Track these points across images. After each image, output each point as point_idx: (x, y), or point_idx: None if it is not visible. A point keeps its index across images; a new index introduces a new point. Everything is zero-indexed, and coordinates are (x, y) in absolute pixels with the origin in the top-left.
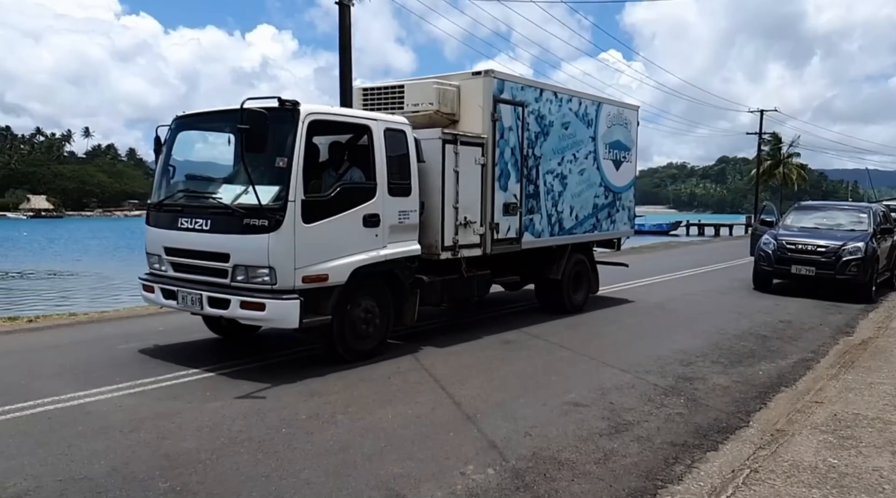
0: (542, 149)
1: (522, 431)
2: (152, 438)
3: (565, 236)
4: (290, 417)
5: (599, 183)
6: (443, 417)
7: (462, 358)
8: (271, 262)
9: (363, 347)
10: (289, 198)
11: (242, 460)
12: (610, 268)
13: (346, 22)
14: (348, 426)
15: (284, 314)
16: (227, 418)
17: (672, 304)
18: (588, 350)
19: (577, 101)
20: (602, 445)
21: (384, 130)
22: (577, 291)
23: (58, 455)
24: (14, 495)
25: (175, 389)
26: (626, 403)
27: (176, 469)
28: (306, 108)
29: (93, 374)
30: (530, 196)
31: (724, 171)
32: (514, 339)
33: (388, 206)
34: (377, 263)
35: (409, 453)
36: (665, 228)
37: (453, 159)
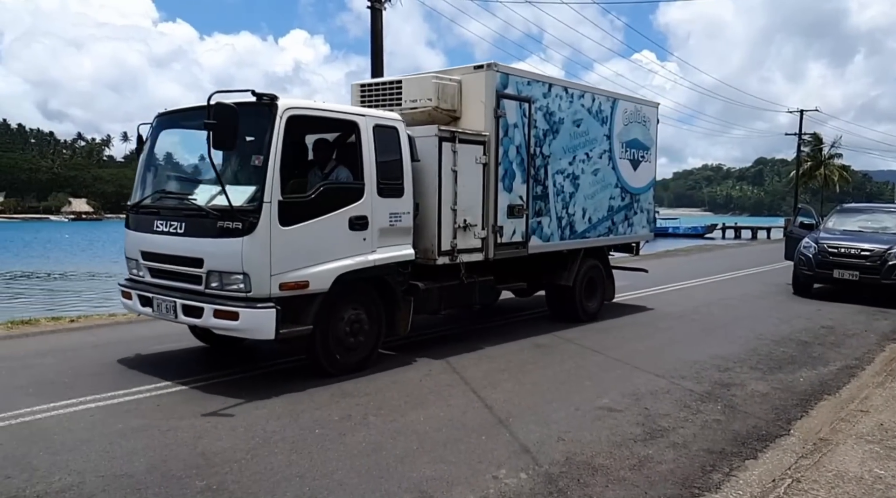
0: (552, 147)
1: (555, 436)
2: (189, 436)
3: (577, 240)
4: (322, 418)
5: (615, 184)
6: (474, 421)
7: (494, 361)
8: (245, 267)
9: (350, 359)
10: (264, 199)
11: (277, 460)
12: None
13: (378, 25)
14: (380, 428)
15: (259, 324)
16: (261, 418)
17: (708, 308)
18: (621, 354)
19: (591, 97)
20: (637, 450)
21: (373, 127)
22: (591, 299)
23: (99, 452)
24: (59, 490)
25: (210, 389)
26: (661, 408)
27: (212, 468)
28: (285, 103)
29: (132, 373)
30: (538, 197)
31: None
32: (546, 343)
33: (378, 208)
34: (365, 268)
35: (441, 456)
36: (700, 231)
37: (451, 158)
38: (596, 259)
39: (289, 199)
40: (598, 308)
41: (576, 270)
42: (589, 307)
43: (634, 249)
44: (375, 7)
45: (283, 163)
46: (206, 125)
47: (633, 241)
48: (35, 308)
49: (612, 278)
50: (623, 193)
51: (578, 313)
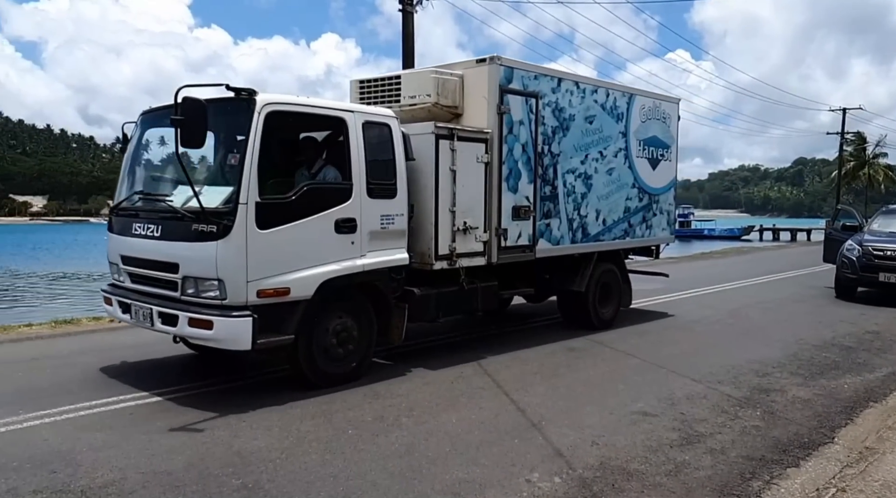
0: (562, 145)
1: (589, 440)
2: (226, 435)
3: (590, 243)
4: (355, 419)
5: (632, 184)
6: (507, 423)
7: (526, 364)
8: (220, 273)
9: (337, 370)
10: (239, 200)
11: (311, 460)
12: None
13: (409, 28)
14: (412, 429)
15: (233, 334)
16: (295, 419)
17: (745, 311)
18: (656, 358)
19: (605, 93)
20: (673, 456)
21: (363, 123)
22: (606, 305)
23: (139, 449)
24: (101, 485)
25: (246, 389)
26: (697, 413)
27: (248, 466)
28: (264, 98)
29: (170, 373)
30: (546, 198)
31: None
32: (579, 346)
33: (368, 210)
34: (353, 274)
35: (474, 459)
36: (737, 233)
37: (449, 157)
38: (611, 263)
39: (267, 200)
40: (614, 315)
41: (589, 275)
42: (603, 314)
43: (654, 252)
44: (407, 10)
45: (261, 162)
46: (174, 121)
47: (652, 245)
48: (77, 308)
49: (628, 283)
50: (641, 194)
51: (592, 320)
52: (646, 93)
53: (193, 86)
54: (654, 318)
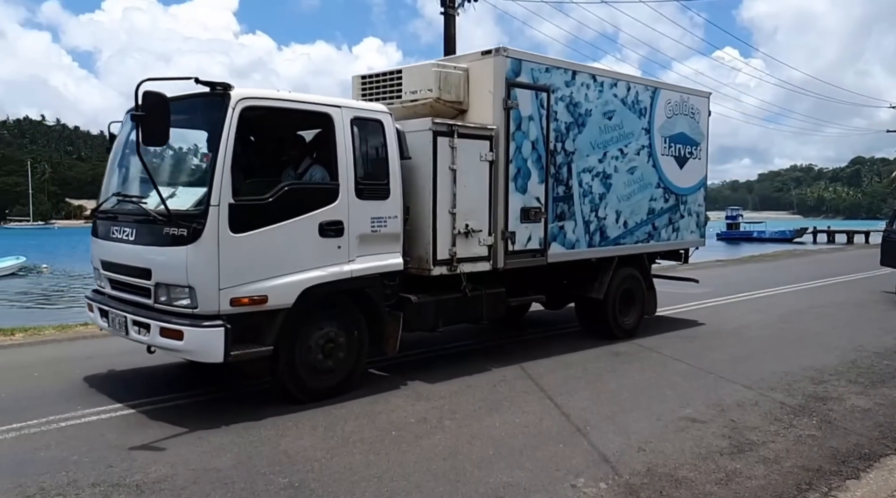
0: (577, 143)
1: (636, 446)
2: (272, 434)
3: (609, 247)
4: (398, 421)
5: (657, 183)
6: (551, 428)
7: (570, 369)
8: (190, 280)
9: (323, 383)
10: (211, 202)
11: (355, 460)
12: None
13: (451, 31)
14: (456, 432)
15: (204, 345)
16: (339, 419)
17: (798, 316)
18: (705, 364)
19: (625, 86)
20: (723, 464)
21: (351, 119)
22: (627, 313)
23: (190, 446)
24: (155, 480)
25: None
26: (749, 421)
27: (294, 465)
28: (239, 93)
29: (220, 374)
30: (560, 199)
31: (858, 174)
32: (624, 350)
33: (356, 212)
34: (340, 280)
35: (518, 463)
36: (788, 236)
37: (449, 155)
38: (633, 268)
39: (242, 202)
40: (637, 323)
41: (608, 281)
42: (625, 323)
43: (683, 256)
44: (448, 12)
45: (240, 161)
46: (134, 117)
47: (680, 248)
48: None
49: (653, 290)
50: (666, 194)
51: (611, 329)
52: (672, 86)
53: (157, 79)
54: (701, 322)
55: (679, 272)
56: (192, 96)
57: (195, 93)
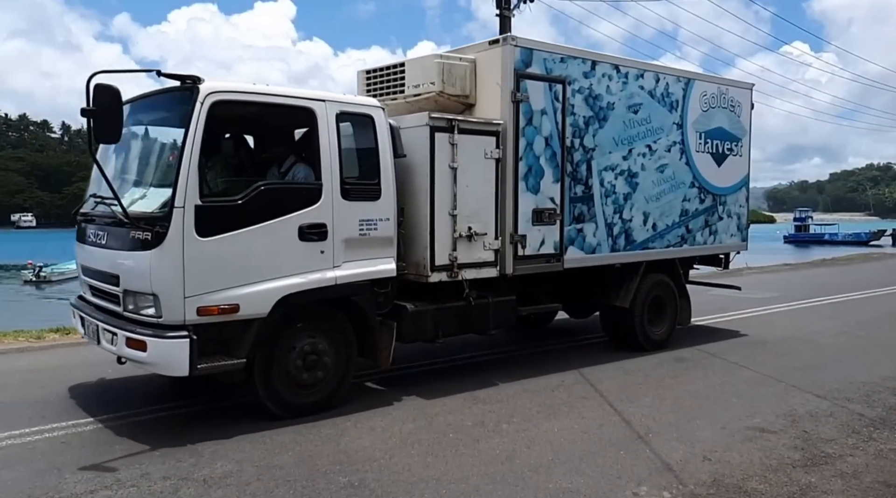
0: (598, 139)
1: (700, 455)
2: (332, 433)
3: (636, 252)
4: (456, 423)
5: (690, 182)
6: (612, 434)
7: (630, 374)
8: (154, 287)
9: (306, 398)
10: (175, 203)
11: (413, 462)
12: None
13: (506, 32)
14: (513, 436)
15: (168, 357)
16: (397, 420)
17: (877, 324)
18: (773, 371)
19: (653, 78)
20: (796, 477)
21: (337, 114)
22: (657, 323)
23: (253, 443)
24: (221, 476)
25: (350, 389)
26: (823, 432)
27: (354, 465)
28: (209, 86)
29: None
30: (578, 200)
31: None
32: (687, 356)
33: (342, 214)
34: (323, 288)
35: (577, 468)
36: (864, 238)
37: (448, 152)
38: (664, 274)
39: (210, 203)
40: (669, 334)
41: (634, 289)
42: (654, 333)
43: (723, 261)
44: (504, 14)
45: (210, 160)
46: (84, 112)
47: (719, 253)
48: None
49: (687, 298)
50: (702, 194)
51: (639, 340)
52: (708, 77)
53: (109, 72)
54: (768, 328)
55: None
56: (163, 91)
57: (167, 87)
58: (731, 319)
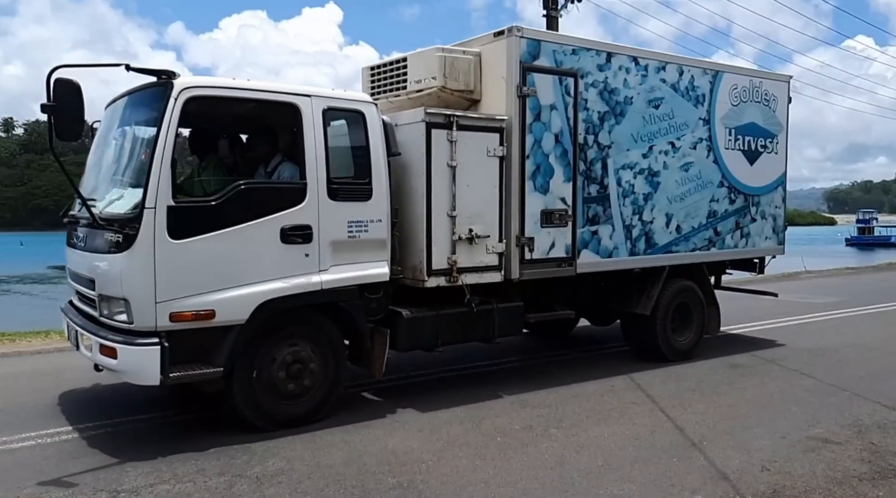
0: (614, 135)
1: (758, 465)
2: (380, 434)
3: (657, 256)
4: (504, 427)
5: (719, 182)
6: (664, 441)
7: (683, 380)
8: (125, 291)
9: (290, 410)
10: (146, 204)
11: (461, 464)
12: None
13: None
14: (563, 441)
15: (137, 365)
16: (444, 422)
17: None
18: (836, 379)
19: (676, 70)
20: (864, 491)
21: (323, 110)
22: (682, 332)
23: (304, 442)
24: (273, 473)
25: (394, 391)
26: (892, 445)
27: (402, 466)
28: (184, 81)
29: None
30: (592, 200)
31: None
32: (743, 362)
33: (329, 215)
34: (309, 293)
35: (629, 475)
36: None
37: (447, 150)
38: (689, 280)
39: (184, 204)
40: (695, 344)
41: (656, 295)
42: (678, 343)
43: (758, 266)
44: (551, 14)
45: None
46: (44, 108)
47: (752, 257)
48: None
49: (716, 306)
50: (732, 194)
51: (661, 350)
52: (739, 69)
53: (75, 65)
54: (829, 334)
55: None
56: (143, 87)
57: (146, 83)
58: (789, 324)
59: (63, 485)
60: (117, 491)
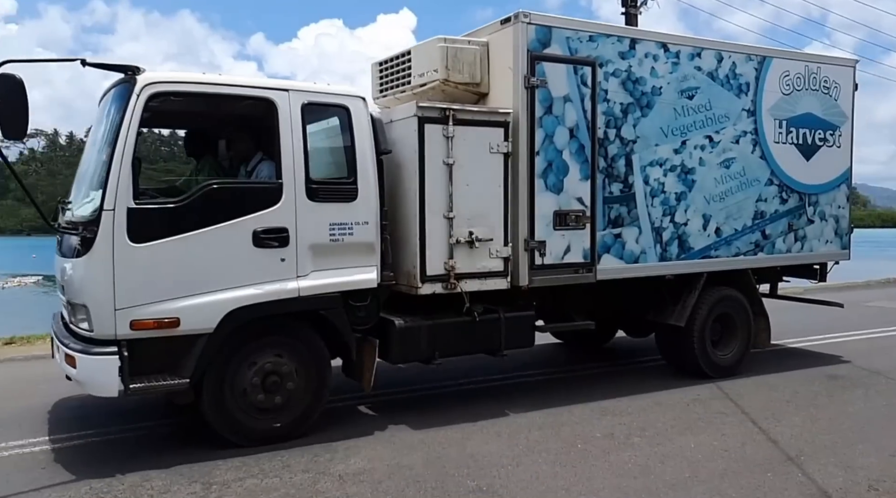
0: (640, 129)
1: (864, 483)
2: (459, 437)
3: (692, 261)
4: (584, 434)
5: (768, 179)
6: (756, 454)
7: (775, 391)
8: (84, 297)
9: (266, 424)
10: (104, 206)
11: (541, 470)
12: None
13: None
14: (646, 450)
15: (95, 375)
16: (523, 427)
17: None
18: None
19: (715, 57)
20: None
21: (302, 106)
22: (724, 345)
23: (384, 443)
24: (354, 473)
25: (469, 394)
26: None
27: (481, 470)
28: (146, 77)
29: (406, 374)
30: (615, 200)
31: None
32: (844, 374)
33: (307, 217)
34: (284, 300)
35: (718, 488)
36: None
37: (443, 146)
38: (732, 288)
39: (145, 205)
40: (740, 359)
41: (692, 304)
42: (719, 357)
43: (818, 273)
44: (630, 12)
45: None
46: None
47: (811, 262)
48: None
49: (764, 316)
50: (784, 193)
51: (699, 365)
52: (790, 54)
53: (23, 61)
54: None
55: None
56: (115, 84)
57: (118, 80)
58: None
59: (159, 477)
60: (210, 483)
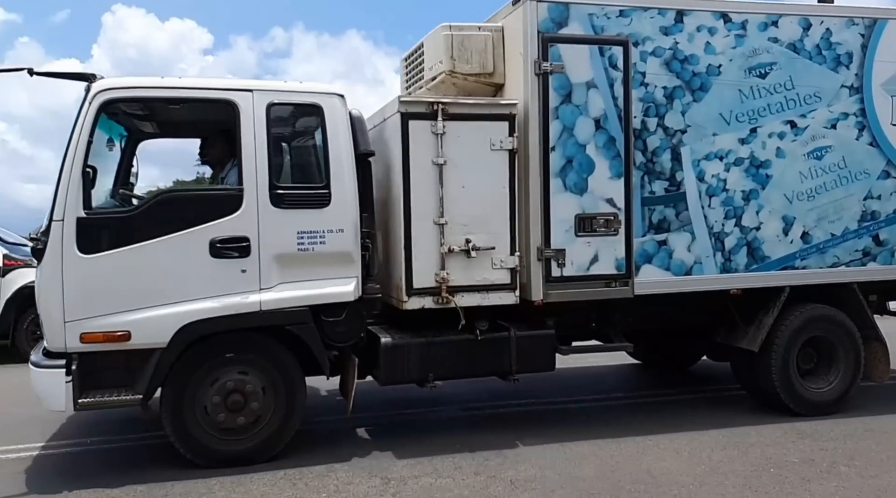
0: (690, 116)
1: None
2: (633, 452)
3: (768, 273)
4: (776, 457)
5: (882, 172)
6: None
7: None
8: (39, 309)
9: (232, 446)
10: (54, 216)
11: (728, 493)
12: None
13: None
14: (857, 482)
15: (45, 388)
16: (704, 446)
17: None
18: None
19: (800, 24)
20: None
21: (267, 106)
22: (820, 377)
23: (554, 452)
24: (526, 479)
25: (635, 408)
26: None
27: (659, 487)
28: (100, 84)
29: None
30: (658, 201)
31: None
32: None
33: (271, 225)
34: (245, 314)
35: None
36: None
37: (431, 144)
38: (829, 306)
39: (95, 215)
40: (842, 393)
41: (769, 325)
42: (811, 391)
43: None
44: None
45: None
46: None
47: None
48: None
49: (880, 341)
50: None
51: (780, 398)
52: None
53: None
54: None
55: None
56: None
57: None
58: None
59: (342, 469)
60: (388, 478)
